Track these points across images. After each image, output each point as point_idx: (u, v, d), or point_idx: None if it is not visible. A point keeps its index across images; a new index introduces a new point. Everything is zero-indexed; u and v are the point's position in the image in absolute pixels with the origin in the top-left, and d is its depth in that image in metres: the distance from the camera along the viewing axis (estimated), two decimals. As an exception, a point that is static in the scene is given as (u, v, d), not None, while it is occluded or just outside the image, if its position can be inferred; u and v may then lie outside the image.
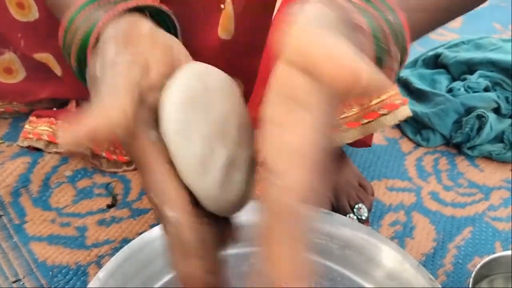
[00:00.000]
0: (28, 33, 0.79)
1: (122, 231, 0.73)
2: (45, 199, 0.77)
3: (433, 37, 1.28)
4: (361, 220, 0.74)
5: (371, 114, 0.66)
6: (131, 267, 0.58)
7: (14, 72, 0.86)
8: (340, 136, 0.66)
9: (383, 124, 0.66)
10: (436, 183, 0.85)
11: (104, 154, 0.81)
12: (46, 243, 0.71)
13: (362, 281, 0.61)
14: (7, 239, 0.71)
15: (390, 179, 0.85)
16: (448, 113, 0.91)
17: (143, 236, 0.60)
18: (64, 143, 0.27)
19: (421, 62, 1.06)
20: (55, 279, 0.67)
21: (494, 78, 0.95)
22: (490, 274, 0.64)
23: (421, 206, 0.80)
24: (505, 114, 0.92)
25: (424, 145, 0.92)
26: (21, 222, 0.74)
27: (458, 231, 0.76)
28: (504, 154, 0.89)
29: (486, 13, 1.43)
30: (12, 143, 0.85)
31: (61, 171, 0.81)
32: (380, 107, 0.66)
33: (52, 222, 0.74)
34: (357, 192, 0.76)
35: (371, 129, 0.66)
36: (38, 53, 0.82)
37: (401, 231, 0.76)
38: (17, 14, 0.77)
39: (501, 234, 0.77)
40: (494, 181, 0.86)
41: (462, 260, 0.72)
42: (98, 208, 0.76)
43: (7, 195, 0.76)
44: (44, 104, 0.90)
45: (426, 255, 0.72)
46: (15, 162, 0.81)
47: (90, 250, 0.71)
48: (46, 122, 0.83)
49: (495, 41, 1.05)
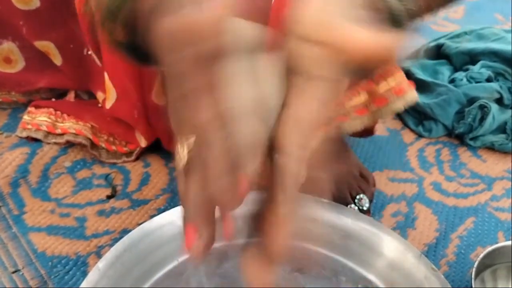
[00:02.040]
0: (29, 21, 0.79)
1: (122, 221, 0.73)
2: (44, 190, 0.76)
3: (435, 28, 1.28)
4: (362, 210, 0.74)
5: (380, 100, 0.66)
6: (131, 257, 0.57)
7: (13, 62, 0.86)
8: (350, 124, 0.66)
9: (393, 110, 0.66)
10: (438, 173, 0.84)
11: (103, 145, 0.80)
12: (45, 233, 0.71)
13: (364, 271, 0.61)
14: (6, 230, 0.71)
15: (391, 170, 0.84)
16: (450, 103, 0.90)
17: (143, 227, 0.59)
18: None
19: (423, 52, 1.06)
20: (55, 269, 0.67)
21: (496, 68, 0.94)
22: (493, 264, 0.64)
23: (423, 197, 0.80)
24: (507, 105, 0.92)
25: (426, 136, 0.92)
26: (20, 212, 0.73)
27: (461, 222, 0.76)
28: (506, 144, 0.89)
29: (488, 4, 1.43)
30: (11, 134, 0.85)
31: (60, 162, 0.80)
32: (389, 92, 0.66)
33: (52, 213, 0.73)
34: (358, 183, 0.76)
35: (381, 115, 0.67)
36: (39, 40, 0.82)
37: (403, 221, 0.75)
38: (18, 3, 0.77)
39: (503, 224, 0.76)
40: (496, 171, 0.86)
41: (464, 250, 0.71)
42: (97, 199, 0.76)
43: (6, 186, 0.76)
44: (42, 94, 0.90)
45: (428, 246, 0.72)
46: (13, 153, 0.80)
47: (89, 240, 0.70)
48: (45, 112, 0.82)
49: (497, 31, 1.04)
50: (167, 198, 0.77)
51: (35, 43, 0.82)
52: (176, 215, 0.61)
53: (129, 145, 0.81)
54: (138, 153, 0.82)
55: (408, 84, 0.67)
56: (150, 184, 0.79)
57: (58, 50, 0.83)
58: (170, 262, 0.59)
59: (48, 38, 0.82)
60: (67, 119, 0.82)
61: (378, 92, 0.65)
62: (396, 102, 0.65)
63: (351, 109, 0.65)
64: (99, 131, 0.81)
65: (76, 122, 0.81)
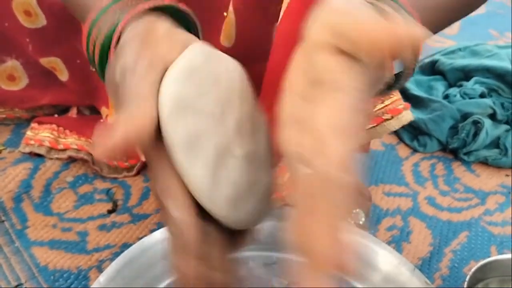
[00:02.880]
0: (36, 38, 0.81)
1: (122, 236, 0.74)
2: (46, 205, 0.78)
3: (431, 44, 1.30)
4: (358, 225, 0.75)
5: (375, 119, 0.67)
6: (131, 271, 0.58)
7: (17, 79, 0.88)
8: None
9: (387, 129, 0.68)
10: (433, 188, 0.86)
11: (105, 160, 0.82)
12: (47, 247, 0.72)
13: (360, 284, 0.62)
14: (9, 244, 0.72)
15: (387, 184, 0.86)
16: (444, 119, 0.92)
17: (143, 241, 0.60)
18: (99, 155, 0.29)
19: (418, 68, 1.08)
20: (57, 283, 0.67)
21: (490, 85, 0.96)
22: (485, 278, 0.65)
23: (418, 211, 0.81)
24: (500, 120, 0.93)
25: (421, 151, 0.93)
26: (22, 227, 0.74)
27: (454, 236, 0.77)
28: (500, 159, 0.90)
29: (483, 19, 1.45)
30: (14, 149, 0.86)
31: (62, 177, 0.82)
32: (384, 112, 0.67)
33: (54, 227, 0.75)
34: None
35: (375, 134, 0.68)
36: (45, 57, 0.84)
37: (398, 235, 0.76)
38: (25, 21, 0.79)
39: (496, 238, 0.77)
40: (490, 186, 0.87)
41: (458, 264, 0.72)
42: (98, 213, 0.77)
43: (9, 201, 0.77)
44: (45, 110, 0.92)
45: (422, 259, 0.73)
46: (16, 168, 0.81)
47: (91, 254, 0.71)
48: (48, 128, 0.84)
49: (490, 47, 1.06)
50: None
51: (41, 60, 0.84)
52: None
53: (130, 160, 0.83)
54: (139, 167, 0.83)
55: (404, 105, 0.68)
56: (151, 198, 0.80)
57: (65, 65, 0.85)
58: (169, 276, 0.59)
59: (54, 54, 0.84)
60: (69, 135, 0.84)
61: (374, 112, 0.67)
62: (391, 121, 0.67)
63: None
64: None
65: (78, 138, 0.83)
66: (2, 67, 0.87)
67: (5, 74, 0.87)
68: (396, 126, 0.67)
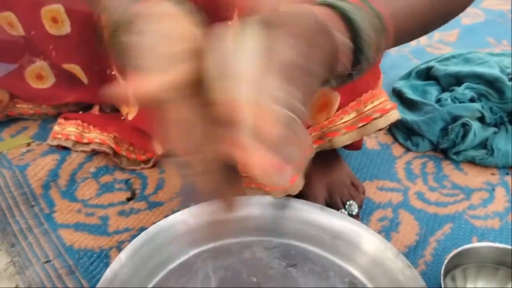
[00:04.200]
0: (59, 45, 0.88)
1: (139, 220, 0.80)
2: (71, 192, 0.84)
3: (429, 50, 1.36)
4: (351, 215, 0.81)
5: (366, 118, 0.73)
6: (148, 250, 0.65)
7: (45, 78, 0.95)
8: (340, 139, 0.73)
9: (376, 127, 0.73)
10: (423, 184, 0.92)
11: (124, 153, 0.89)
12: (72, 230, 0.78)
13: (350, 267, 0.68)
14: (38, 226, 0.78)
15: (380, 180, 0.92)
16: (436, 121, 0.98)
17: (159, 224, 0.67)
18: (137, 96, 0.36)
19: (414, 74, 1.14)
20: (81, 260, 0.73)
21: (479, 90, 1.02)
22: (462, 264, 0.72)
23: (407, 205, 0.87)
24: (489, 123, 0.99)
25: (414, 150, 1.00)
26: (50, 211, 0.81)
27: (439, 227, 0.83)
28: (486, 159, 0.96)
29: (481, 27, 1.50)
30: (41, 142, 0.94)
31: (86, 168, 0.89)
32: (374, 111, 0.73)
33: (78, 212, 0.81)
34: (349, 190, 0.84)
35: (366, 131, 0.73)
36: (67, 63, 0.91)
37: (388, 226, 0.83)
38: (51, 28, 0.86)
39: (478, 230, 0.83)
40: (475, 183, 0.93)
41: (440, 252, 0.78)
42: (118, 201, 0.84)
43: (38, 188, 0.84)
44: (70, 107, 0.99)
45: (409, 247, 0.79)
46: (45, 159, 0.89)
47: (111, 236, 0.77)
48: (73, 124, 0.91)
49: (482, 55, 1.12)
50: (180, 200, 0.84)
51: (63, 65, 0.91)
52: (188, 215, 0.69)
53: (147, 154, 0.90)
54: (155, 161, 0.90)
55: (391, 105, 0.74)
56: (165, 188, 0.86)
57: (84, 72, 0.92)
58: (181, 256, 0.67)
59: (74, 61, 0.91)
60: (92, 130, 0.91)
61: (364, 111, 0.73)
62: (379, 120, 0.72)
63: (341, 125, 0.73)
64: (121, 141, 0.89)
65: (100, 132, 0.90)
66: (31, 67, 0.94)
67: (34, 73, 0.95)
68: (384, 124, 0.72)
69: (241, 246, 0.71)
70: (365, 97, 0.73)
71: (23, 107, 0.98)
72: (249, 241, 0.72)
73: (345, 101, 0.72)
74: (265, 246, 0.71)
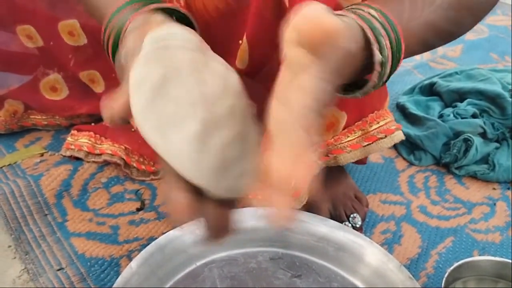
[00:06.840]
0: (77, 54, 0.91)
1: (149, 230, 0.82)
2: (83, 201, 0.86)
3: (433, 65, 1.38)
4: (355, 227, 0.83)
5: (370, 138, 0.75)
6: (157, 259, 0.66)
7: (59, 90, 0.98)
8: (345, 156, 0.76)
9: (381, 147, 0.75)
10: (425, 198, 0.94)
11: (134, 164, 0.91)
12: (84, 238, 0.80)
13: (353, 278, 0.70)
14: (51, 234, 0.80)
15: (384, 193, 0.94)
16: (438, 136, 1.00)
17: (168, 234, 0.68)
18: (106, 117, 0.38)
19: (417, 89, 1.17)
20: (92, 268, 0.75)
21: (481, 106, 1.04)
22: (462, 277, 0.73)
23: (410, 218, 0.89)
24: (491, 138, 1.01)
25: (417, 164, 1.02)
26: (63, 220, 0.82)
27: (441, 240, 0.85)
28: (487, 174, 0.98)
29: (485, 43, 1.52)
30: (54, 153, 0.96)
31: (98, 178, 0.91)
32: (379, 131, 0.75)
33: (90, 221, 0.83)
34: (352, 203, 0.86)
35: (370, 150, 0.76)
36: (86, 70, 0.93)
37: (391, 238, 0.84)
38: (69, 40, 0.90)
39: (479, 244, 0.85)
40: (477, 197, 0.95)
41: (442, 265, 0.80)
42: (129, 211, 0.85)
43: (51, 197, 0.86)
44: (82, 118, 1.01)
45: (411, 259, 0.81)
46: (58, 169, 0.90)
47: (122, 245, 0.79)
48: (86, 135, 0.93)
49: (485, 72, 1.14)
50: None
51: (81, 73, 0.94)
52: (195, 226, 0.71)
53: (156, 165, 0.91)
54: (164, 172, 0.91)
55: (396, 126, 0.76)
56: None
57: (102, 77, 0.94)
58: (189, 265, 0.69)
59: (93, 67, 0.94)
60: (104, 141, 0.93)
61: (369, 131, 0.75)
62: (384, 140, 0.74)
63: (346, 143, 0.76)
64: (131, 152, 0.91)
65: (112, 144, 0.92)
66: (46, 80, 0.97)
67: (48, 85, 0.97)
68: (388, 144, 0.75)
69: (247, 257, 0.72)
70: (371, 117, 0.75)
71: (37, 118, 1.00)
72: (255, 251, 0.73)
73: (351, 121, 0.74)
74: (270, 257, 0.72)
